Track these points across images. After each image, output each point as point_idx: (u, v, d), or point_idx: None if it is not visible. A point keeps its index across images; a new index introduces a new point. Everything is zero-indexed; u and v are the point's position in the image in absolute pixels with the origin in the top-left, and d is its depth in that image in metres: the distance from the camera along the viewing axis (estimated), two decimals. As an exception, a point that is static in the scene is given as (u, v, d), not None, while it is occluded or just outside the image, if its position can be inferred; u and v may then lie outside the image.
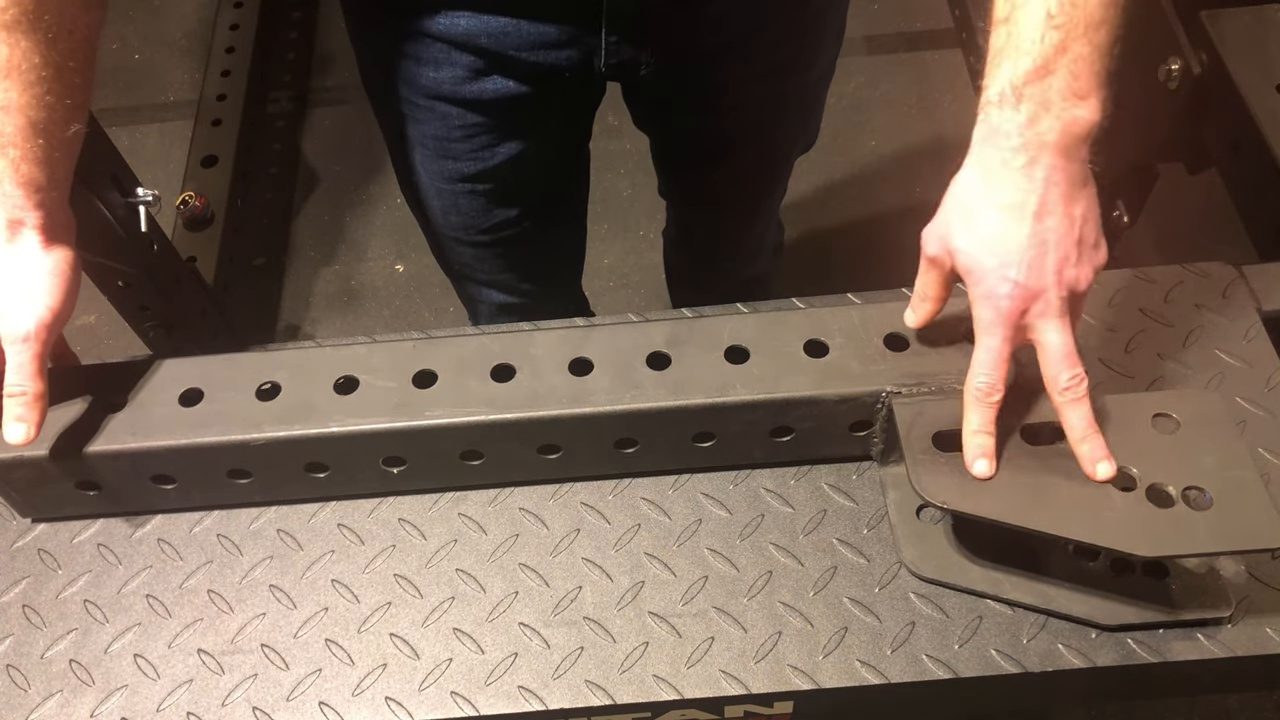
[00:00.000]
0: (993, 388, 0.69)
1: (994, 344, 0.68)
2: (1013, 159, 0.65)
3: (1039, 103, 0.63)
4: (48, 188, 0.71)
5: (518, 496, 0.81)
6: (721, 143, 1.11)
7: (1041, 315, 0.67)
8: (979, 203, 0.67)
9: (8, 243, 0.71)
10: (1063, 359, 0.67)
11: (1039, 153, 0.64)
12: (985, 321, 0.68)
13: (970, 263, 0.68)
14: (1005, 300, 0.66)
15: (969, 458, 0.70)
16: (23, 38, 0.67)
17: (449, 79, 0.92)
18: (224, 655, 0.74)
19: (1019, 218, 0.65)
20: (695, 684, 0.71)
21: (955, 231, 0.69)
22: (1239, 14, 1.19)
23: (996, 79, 0.65)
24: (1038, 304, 0.66)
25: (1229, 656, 0.70)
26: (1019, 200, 0.65)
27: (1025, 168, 0.65)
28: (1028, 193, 0.65)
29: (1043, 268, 0.66)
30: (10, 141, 0.68)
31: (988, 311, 0.68)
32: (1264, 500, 0.66)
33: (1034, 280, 0.66)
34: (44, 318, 0.71)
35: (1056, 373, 0.68)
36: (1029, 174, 0.65)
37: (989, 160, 0.66)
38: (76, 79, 0.71)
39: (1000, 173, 0.66)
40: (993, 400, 0.69)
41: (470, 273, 1.20)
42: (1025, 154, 0.64)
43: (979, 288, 0.68)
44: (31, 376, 0.71)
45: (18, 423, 0.71)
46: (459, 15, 0.86)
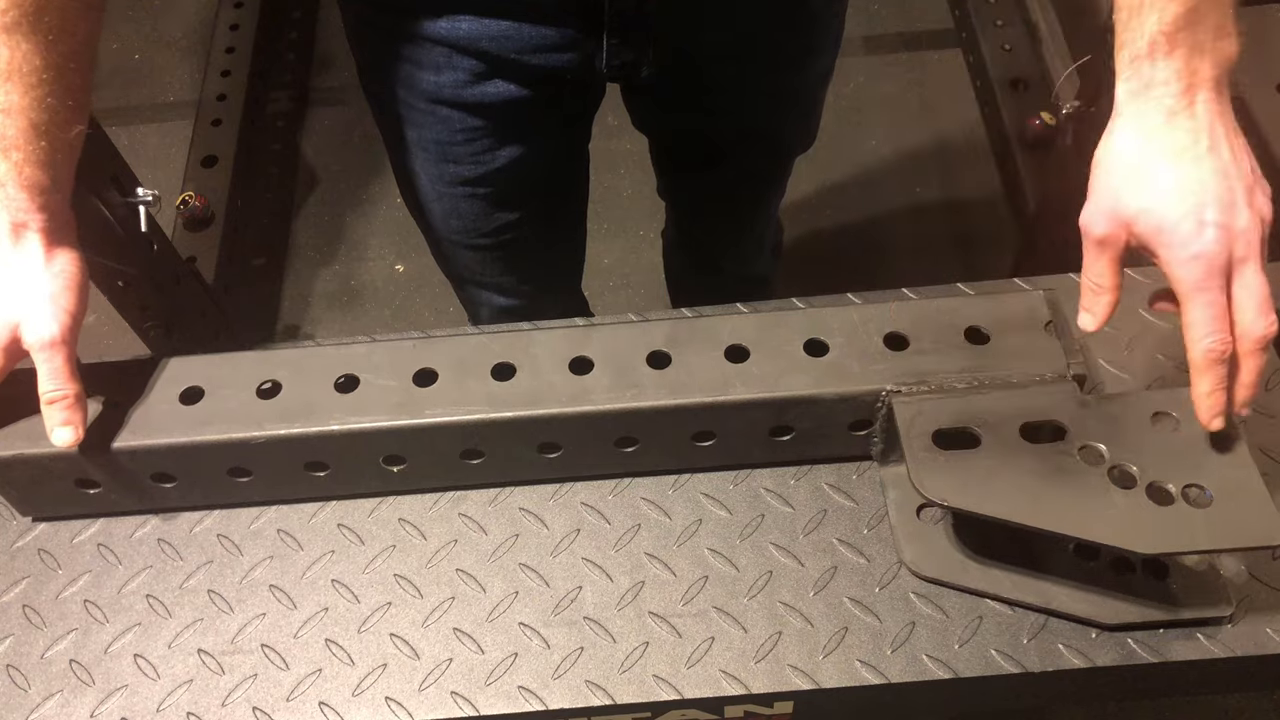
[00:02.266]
0: (1226, 344, 0.63)
1: (1212, 298, 0.63)
2: (1175, 105, 0.63)
3: (1191, 46, 0.62)
4: (51, 190, 0.71)
5: (518, 496, 0.81)
6: (721, 144, 1.11)
7: (1244, 259, 0.63)
8: (1147, 159, 0.64)
9: (12, 246, 0.71)
10: (1261, 308, 0.63)
11: (1198, 93, 0.63)
12: (1195, 278, 0.63)
13: (1158, 221, 0.63)
14: (1212, 245, 0.62)
15: (1206, 416, 0.65)
16: (23, 40, 0.67)
17: (450, 83, 0.92)
18: (224, 655, 0.74)
19: (1195, 159, 0.63)
20: (695, 684, 0.71)
21: (1127, 196, 0.64)
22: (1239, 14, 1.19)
23: (1141, 30, 0.62)
24: (1239, 244, 0.63)
25: (1229, 656, 0.70)
26: (1190, 142, 0.63)
27: (1187, 110, 0.63)
28: (1197, 132, 0.63)
29: (1235, 202, 0.63)
30: (13, 144, 0.68)
31: (1195, 267, 0.62)
32: (1264, 498, 0.66)
33: (1231, 217, 0.62)
34: (67, 321, 0.72)
35: (1254, 322, 0.63)
36: (1192, 115, 0.63)
37: (1147, 113, 0.64)
38: (77, 80, 0.71)
39: (1163, 122, 0.63)
40: (1227, 358, 0.64)
41: (471, 276, 1.20)
42: (1185, 98, 0.63)
43: (1175, 243, 0.63)
44: (68, 379, 0.72)
45: (64, 426, 0.72)
46: (460, 19, 0.86)
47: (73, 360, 0.73)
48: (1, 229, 0.71)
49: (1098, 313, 0.69)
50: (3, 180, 0.69)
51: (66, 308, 0.72)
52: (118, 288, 1.20)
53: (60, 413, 0.72)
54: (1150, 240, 0.65)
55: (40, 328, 0.71)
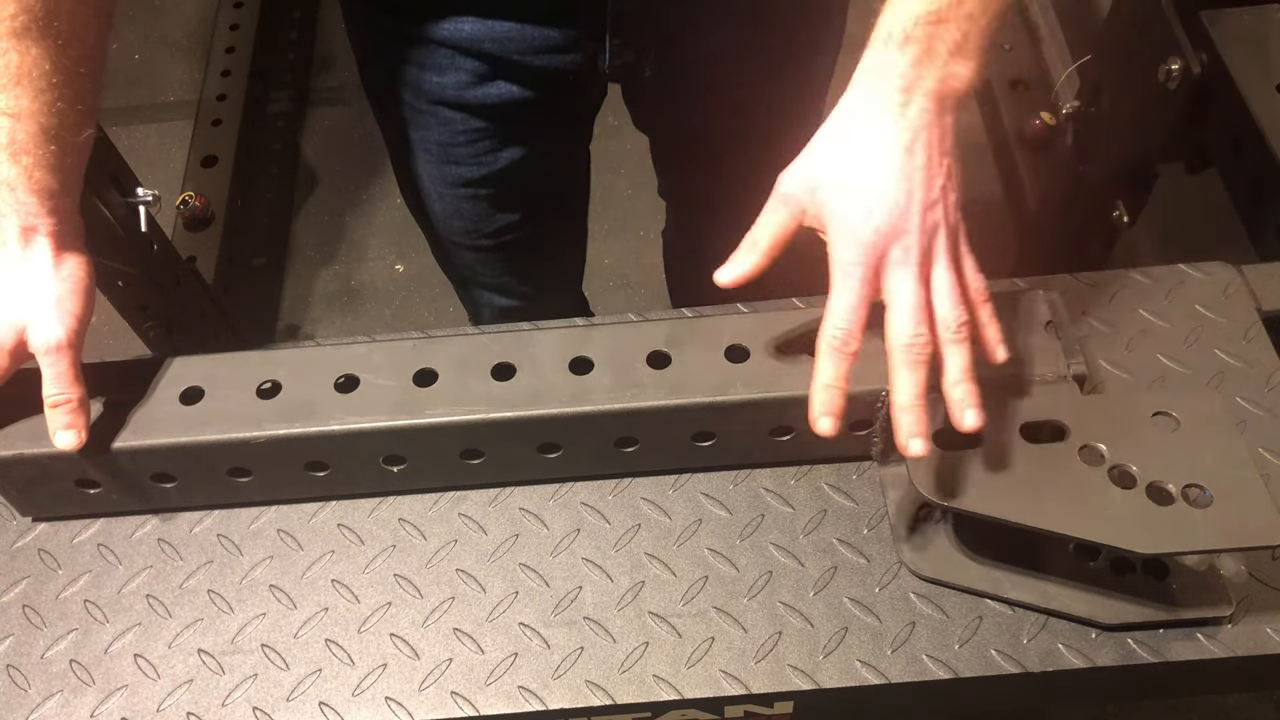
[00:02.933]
0: (850, 335, 0.66)
1: (853, 285, 0.65)
2: (890, 95, 0.65)
3: (925, 49, 0.63)
4: (60, 194, 0.71)
5: (518, 496, 0.81)
6: (722, 143, 1.11)
7: (900, 262, 0.65)
8: (850, 139, 0.66)
9: (22, 250, 0.71)
10: (911, 315, 0.65)
11: (914, 95, 0.64)
12: (845, 262, 0.65)
13: (833, 197, 0.66)
14: (870, 234, 0.64)
15: (815, 413, 0.66)
16: (33, 45, 0.67)
17: (453, 84, 0.92)
18: (224, 655, 0.74)
19: (887, 156, 0.65)
20: (695, 684, 0.71)
21: (821, 167, 0.67)
22: (1239, 14, 1.19)
23: (888, 19, 0.64)
24: (897, 248, 0.65)
25: (1229, 656, 0.70)
26: (890, 140, 0.65)
27: (901, 106, 0.64)
28: (900, 130, 0.65)
29: (907, 207, 0.65)
30: (22, 148, 0.69)
31: (849, 250, 0.65)
32: (1264, 498, 0.66)
33: (897, 220, 0.64)
34: (73, 326, 0.72)
35: (901, 328, 0.65)
36: (904, 112, 0.65)
37: (865, 95, 0.66)
38: (87, 85, 0.71)
39: (875, 108, 0.65)
40: (849, 350, 0.66)
41: (472, 276, 1.20)
42: (902, 95, 0.64)
43: (840, 226, 0.65)
44: (72, 383, 0.72)
45: (68, 430, 0.72)
46: (463, 20, 0.86)
47: (77, 364, 0.73)
48: (10, 233, 0.71)
49: (739, 267, 0.70)
50: (13, 184, 0.69)
51: (73, 311, 0.72)
52: (118, 288, 1.20)
53: (64, 416, 0.72)
54: (821, 213, 0.67)
55: (46, 331, 0.71)
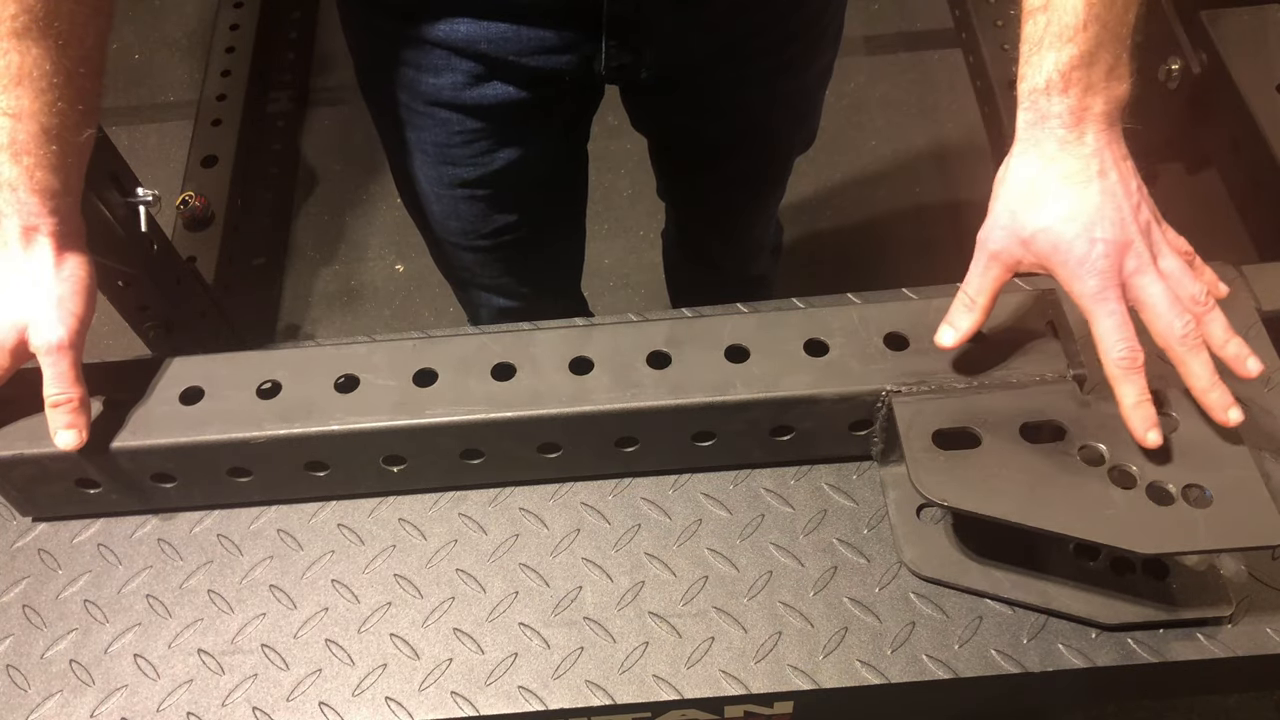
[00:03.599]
0: (1135, 352, 0.67)
1: (1113, 307, 0.67)
2: (1066, 135, 0.68)
3: (1085, 86, 0.67)
4: (61, 194, 0.72)
5: (518, 496, 0.81)
6: (720, 144, 1.11)
7: (1137, 271, 0.67)
8: (1041, 182, 0.69)
9: (23, 250, 0.72)
10: (1171, 308, 0.67)
11: (1088, 125, 0.68)
12: (1093, 291, 0.67)
13: (1053, 239, 0.68)
14: (1102, 260, 0.67)
15: (1140, 431, 0.68)
16: (33, 45, 0.67)
17: (449, 85, 0.92)
18: (224, 655, 0.74)
19: (1084, 181, 0.68)
20: (695, 684, 0.71)
21: (1025, 218, 0.69)
22: (1239, 14, 1.19)
23: (1040, 68, 0.67)
24: (1130, 258, 0.67)
25: (1229, 656, 0.70)
26: (1080, 167, 0.68)
27: (1078, 140, 0.68)
28: (1087, 159, 0.68)
29: (1123, 218, 0.67)
30: (23, 149, 0.69)
31: (1091, 280, 0.67)
32: (1264, 498, 0.66)
33: (1119, 233, 0.67)
34: (75, 326, 0.72)
35: (1169, 323, 0.67)
36: (1082, 143, 0.68)
37: (1041, 142, 0.69)
38: (87, 85, 0.71)
39: (1056, 150, 0.68)
40: (1140, 365, 0.67)
41: (470, 277, 1.20)
42: (1076, 130, 0.68)
43: (1070, 260, 0.67)
44: (73, 383, 0.72)
45: (68, 429, 0.72)
46: (459, 21, 0.86)
47: (78, 364, 0.73)
48: (12, 233, 0.71)
49: (961, 327, 0.73)
50: (14, 184, 0.70)
51: (74, 312, 0.73)
52: (118, 288, 1.20)
53: (65, 415, 0.72)
54: (1047, 258, 0.69)
55: (47, 332, 0.71)
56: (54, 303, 0.72)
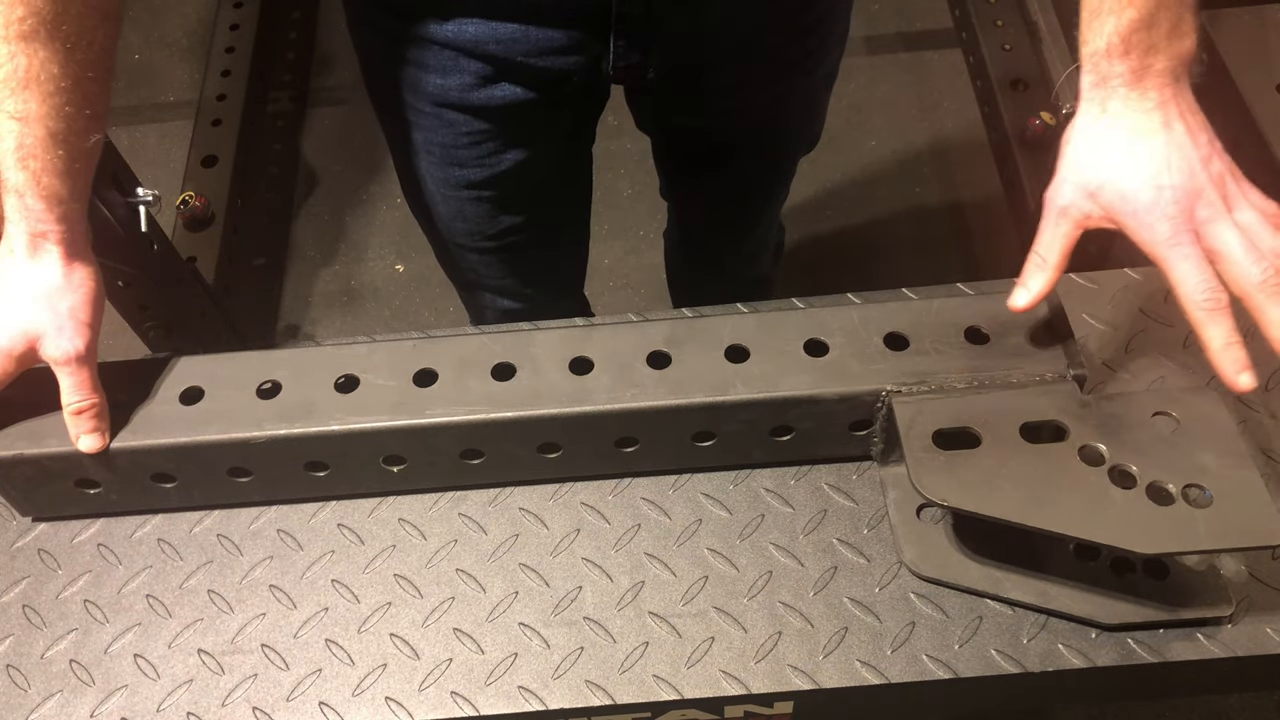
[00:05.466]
0: (1218, 291, 0.66)
1: (1188, 250, 0.66)
2: (1128, 93, 0.68)
3: (1146, 48, 0.67)
4: (69, 199, 0.71)
5: (518, 496, 0.81)
6: (725, 145, 1.11)
7: (1210, 219, 0.67)
8: (1107, 137, 0.69)
9: (30, 258, 0.71)
10: (1247, 254, 0.66)
11: (1149, 82, 0.68)
12: (1165, 236, 0.67)
13: (1120, 187, 0.68)
14: (1171, 205, 0.66)
15: (1230, 373, 0.66)
16: (41, 48, 0.67)
17: (456, 86, 0.92)
18: (224, 655, 0.74)
19: (1150, 133, 0.68)
20: (695, 684, 0.71)
21: (1091, 170, 0.69)
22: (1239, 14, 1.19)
23: (1101, 32, 0.67)
24: (1201, 206, 0.67)
25: (1229, 656, 0.70)
26: (1145, 122, 0.68)
27: (1141, 97, 0.68)
28: (1150, 113, 0.68)
29: (1191, 167, 0.67)
30: (30, 153, 0.68)
31: (1162, 225, 0.67)
32: (1264, 498, 0.66)
33: (1188, 180, 0.67)
34: (89, 336, 0.73)
35: (1245, 269, 0.66)
36: (1145, 98, 0.68)
37: (1105, 101, 0.69)
38: (95, 89, 0.71)
39: (1120, 107, 0.69)
40: (1225, 305, 0.66)
41: (475, 279, 1.20)
42: (1139, 87, 0.68)
43: (1139, 208, 0.67)
44: (92, 390, 0.73)
45: (92, 434, 0.74)
46: (468, 22, 0.86)
47: (95, 372, 0.74)
48: (19, 239, 0.71)
49: (1034, 288, 0.72)
50: (21, 190, 0.69)
51: (86, 321, 0.73)
52: (118, 288, 1.20)
53: (88, 421, 0.73)
54: (1115, 209, 0.69)
55: (64, 343, 0.72)
56: (67, 313, 0.72)
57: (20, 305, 0.71)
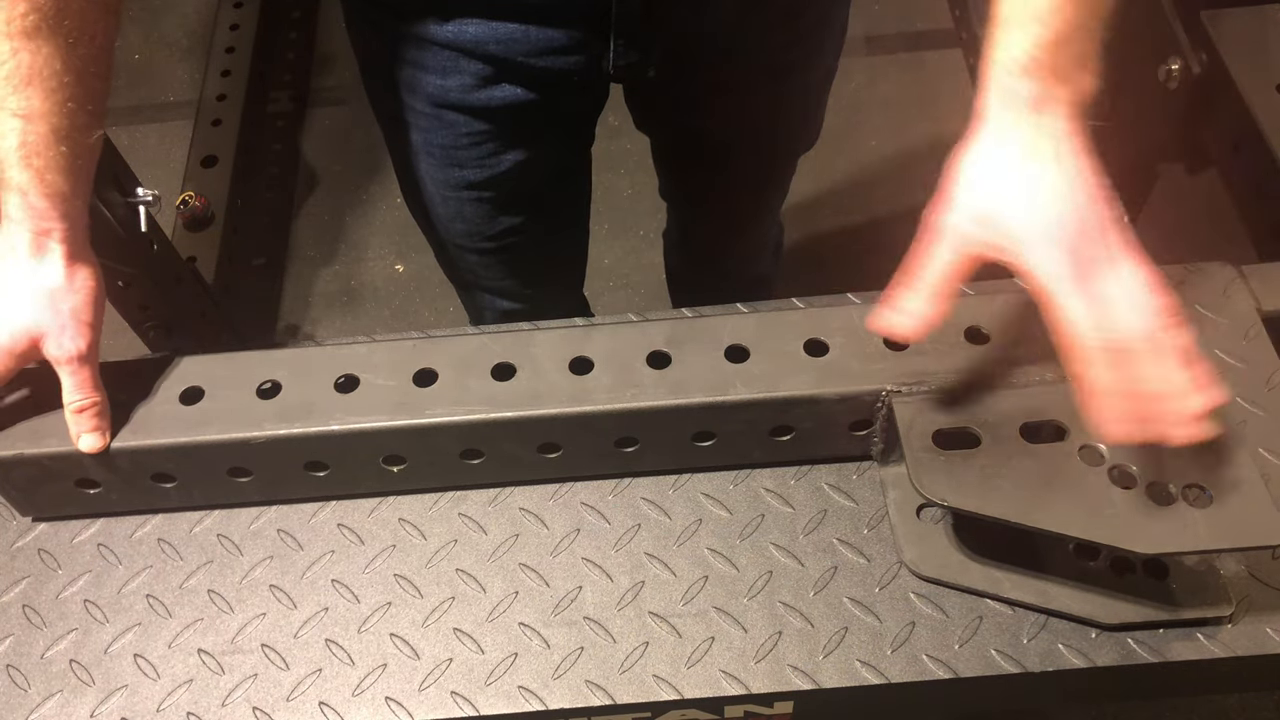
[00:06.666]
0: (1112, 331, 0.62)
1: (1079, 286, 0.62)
2: (1031, 118, 0.65)
3: (1052, 70, 0.64)
4: (71, 197, 0.71)
5: (518, 496, 0.81)
6: (725, 144, 1.11)
7: (1106, 259, 0.63)
8: (1004, 164, 0.66)
9: (32, 256, 0.71)
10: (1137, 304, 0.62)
11: (1054, 112, 0.65)
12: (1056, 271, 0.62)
13: (1016, 217, 0.64)
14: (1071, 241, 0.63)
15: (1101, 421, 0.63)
16: (43, 44, 0.66)
17: (456, 87, 0.92)
18: (224, 655, 0.74)
19: (1047, 165, 0.64)
20: (695, 684, 0.71)
21: (986, 196, 0.66)
22: (1239, 14, 1.19)
23: (1009, 47, 0.64)
24: (1099, 246, 0.63)
25: (1229, 656, 0.70)
26: (1045, 148, 0.65)
27: (1044, 126, 0.65)
28: (1053, 141, 0.65)
29: (1091, 207, 0.64)
30: (34, 151, 0.68)
31: (1057, 264, 0.62)
32: (1264, 498, 0.66)
33: (1089, 220, 0.63)
34: (91, 336, 0.73)
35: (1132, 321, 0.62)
36: (1051, 129, 0.65)
37: (1005, 123, 0.66)
38: (96, 85, 0.70)
39: (1021, 133, 0.65)
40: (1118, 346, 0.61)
41: (475, 279, 1.20)
42: (1043, 115, 0.65)
43: (1031, 238, 0.63)
44: (94, 389, 0.73)
45: (93, 433, 0.73)
46: (468, 22, 0.86)
47: (97, 371, 0.74)
48: (22, 238, 0.71)
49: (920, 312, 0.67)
50: (24, 188, 0.69)
51: (89, 321, 0.73)
52: (118, 288, 1.20)
53: (90, 420, 0.73)
54: (1006, 238, 0.64)
55: (67, 344, 0.72)
56: (69, 313, 0.72)
57: (23, 304, 0.71)
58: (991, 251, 0.66)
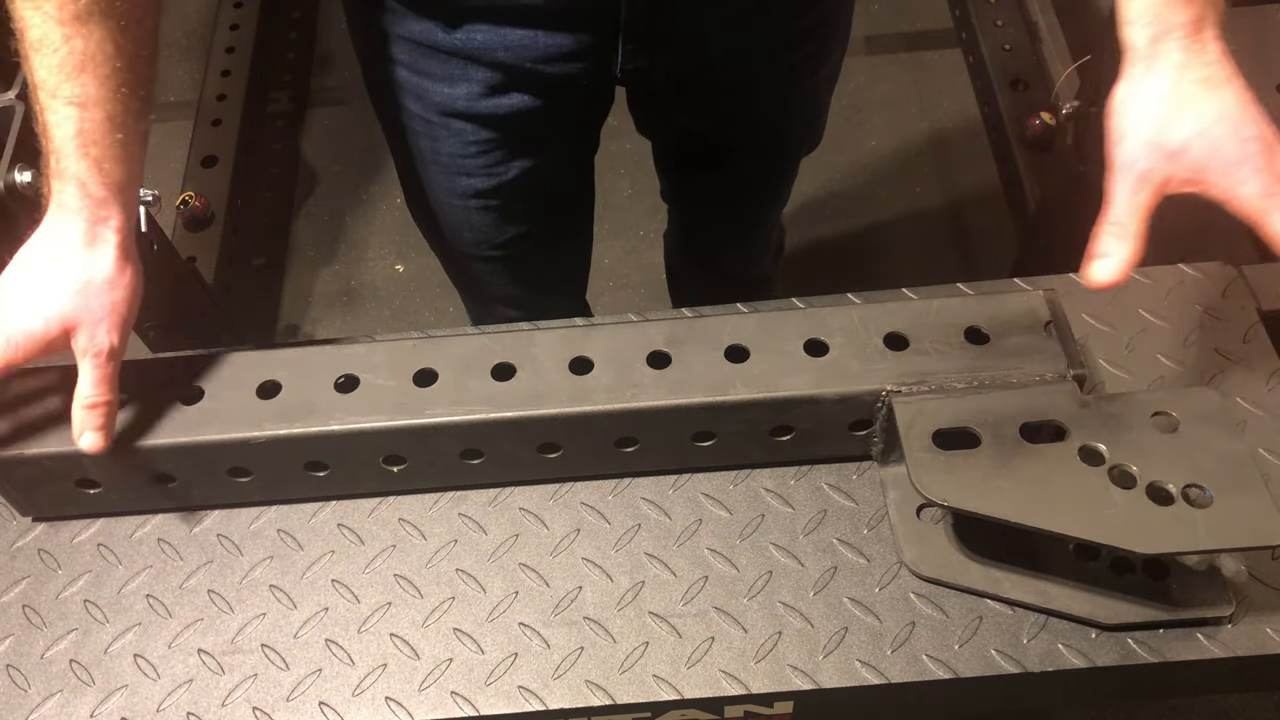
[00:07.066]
0: None
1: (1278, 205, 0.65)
2: (1191, 44, 0.67)
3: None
4: (128, 187, 0.70)
5: (518, 496, 0.81)
6: (729, 146, 1.11)
7: None
8: (1178, 92, 0.67)
9: (86, 247, 0.69)
10: None
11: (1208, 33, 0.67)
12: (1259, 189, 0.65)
13: (1207, 144, 0.66)
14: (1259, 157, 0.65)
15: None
16: (96, 28, 0.65)
17: (464, 95, 0.91)
18: (224, 655, 0.74)
19: (1220, 86, 0.67)
20: (695, 684, 0.71)
21: (1169, 128, 0.67)
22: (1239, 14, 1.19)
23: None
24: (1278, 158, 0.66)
25: (1229, 656, 0.70)
26: (1212, 73, 0.67)
27: (1202, 49, 0.67)
28: (1215, 65, 0.67)
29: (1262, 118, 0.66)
30: (91, 139, 0.66)
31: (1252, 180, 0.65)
32: (1264, 498, 0.66)
33: (1265, 131, 0.66)
34: (124, 334, 0.72)
35: None
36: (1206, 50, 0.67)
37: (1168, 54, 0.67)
38: (146, 71, 0.69)
39: (1184, 60, 0.67)
40: None
41: (479, 286, 1.20)
42: (1199, 38, 0.67)
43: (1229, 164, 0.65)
44: (111, 389, 0.71)
45: (97, 431, 0.71)
46: (476, 30, 0.86)
47: (118, 372, 0.72)
48: (77, 228, 0.69)
49: (1120, 255, 0.67)
50: (83, 178, 0.67)
51: (126, 318, 0.72)
52: (118, 288, 1.20)
53: (98, 418, 0.71)
54: (1202, 167, 0.66)
55: (100, 338, 0.70)
56: (110, 308, 0.70)
57: (65, 293, 0.69)
58: (1184, 185, 0.68)
